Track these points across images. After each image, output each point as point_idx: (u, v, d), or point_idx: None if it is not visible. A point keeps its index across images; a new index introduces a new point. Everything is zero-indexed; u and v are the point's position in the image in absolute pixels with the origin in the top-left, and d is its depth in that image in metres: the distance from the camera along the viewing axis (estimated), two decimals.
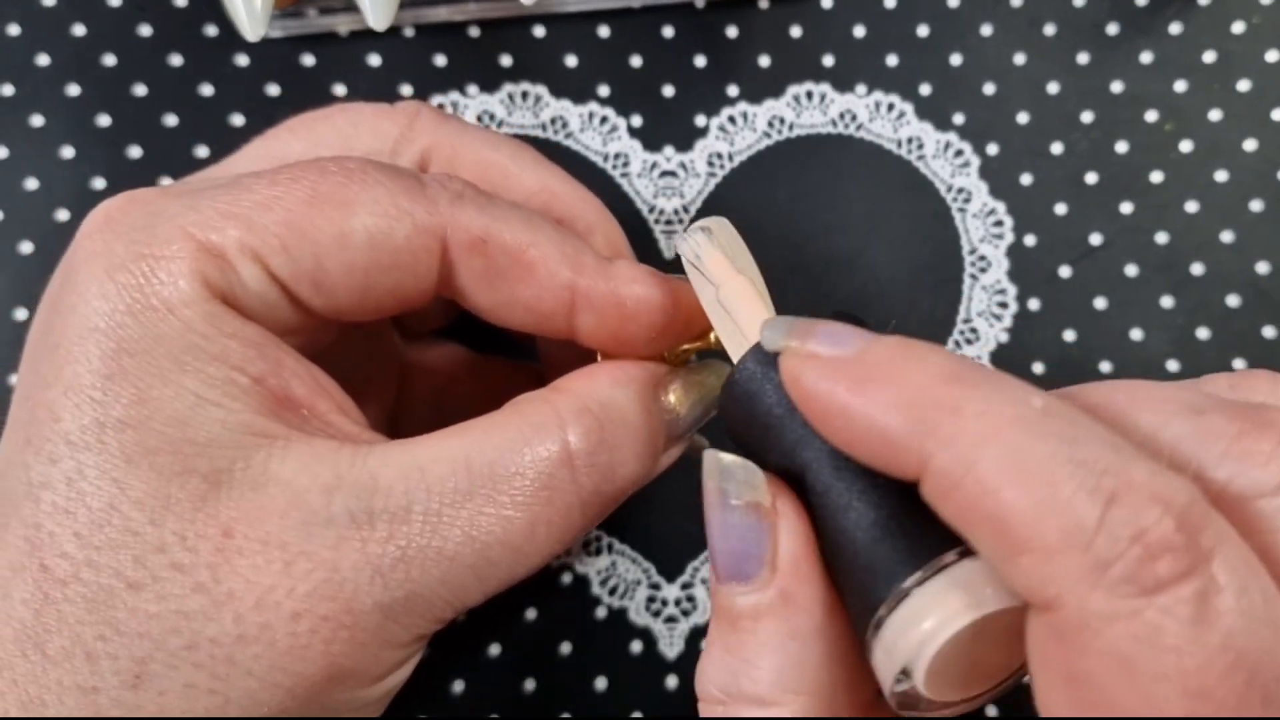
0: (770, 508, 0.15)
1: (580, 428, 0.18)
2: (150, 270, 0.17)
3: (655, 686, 0.25)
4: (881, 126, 0.28)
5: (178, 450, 0.16)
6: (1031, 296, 0.27)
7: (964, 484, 0.12)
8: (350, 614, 0.16)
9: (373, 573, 0.16)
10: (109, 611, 0.16)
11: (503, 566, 0.17)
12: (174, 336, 0.16)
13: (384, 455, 0.17)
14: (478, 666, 0.25)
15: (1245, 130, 0.28)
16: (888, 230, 0.28)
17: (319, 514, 0.16)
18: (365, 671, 0.17)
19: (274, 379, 0.17)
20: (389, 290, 0.18)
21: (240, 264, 0.17)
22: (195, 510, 0.16)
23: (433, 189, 0.18)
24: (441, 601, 0.17)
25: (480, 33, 0.28)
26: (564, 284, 0.18)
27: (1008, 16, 0.29)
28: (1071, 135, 0.28)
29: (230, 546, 0.16)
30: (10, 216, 0.27)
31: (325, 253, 0.17)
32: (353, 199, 0.17)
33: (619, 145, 0.28)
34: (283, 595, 0.16)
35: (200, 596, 0.16)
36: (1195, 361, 0.27)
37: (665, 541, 0.26)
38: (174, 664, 0.16)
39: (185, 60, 0.27)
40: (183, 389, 0.16)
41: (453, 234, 0.18)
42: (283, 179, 0.18)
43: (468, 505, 0.17)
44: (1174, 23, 0.29)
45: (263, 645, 0.16)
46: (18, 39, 0.27)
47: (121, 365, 0.16)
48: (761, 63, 0.28)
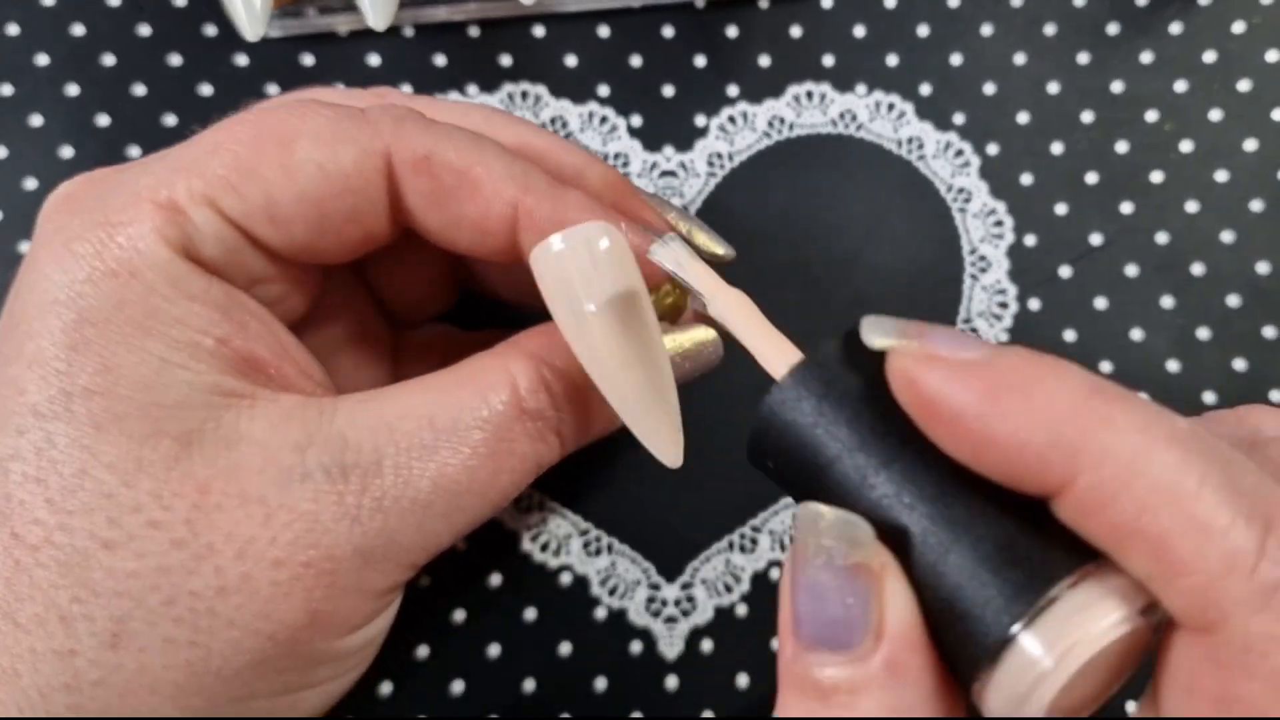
0: (879, 568, 0.14)
1: (528, 382, 0.18)
2: (108, 236, 0.17)
3: (655, 687, 0.25)
4: (882, 126, 0.28)
5: (146, 414, 0.16)
6: (1032, 297, 0.27)
7: (1118, 502, 0.12)
8: (331, 560, 0.17)
9: (351, 522, 0.17)
10: (84, 573, 0.16)
11: (470, 511, 0.18)
12: (135, 301, 0.17)
13: (350, 413, 0.18)
14: (478, 666, 0.25)
15: (1245, 130, 0.28)
16: (888, 230, 0.28)
17: (295, 470, 0.17)
18: (344, 619, 0.18)
19: (238, 340, 0.18)
20: (345, 218, 0.18)
21: (193, 211, 0.17)
22: (169, 470, 0.16)
23: (374, 114, 0.18)
24: (416, 547, 0.18)
25: (480, 32, 0.28)
26: (508, 200, 0.18)
27: (1008, 16, 0.29)
28: (1072, 135, 0.28)
29: (208, 503, 0.16)
30: (9, 216, 0.27)
31: (275, 187, 0.17)
32: (296, 132, 0.18)
33: (619, 145, 0.28)
34: (264, 545, 0.16)
35: (179, 551, 0.16)
36: (1195, 361, 0.27)
37: (665, 541, 0.26)
38: (153, 620, 0.16)
39: (184, 60, 0.27)
40: (147, 354, 0.17)
41: (397, 154, 0.18)
42: (227, 125, 0.18)
43: (434, 458, 0.18)
44: (1174, 23, 0.29)
45: (245, 595, 0.16)
46: (17, 38, 0.27)
47: (84, 335, 0.16)
48: (761, 63, 0.28)
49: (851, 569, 0.13)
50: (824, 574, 0.14)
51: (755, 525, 0.26)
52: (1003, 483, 0.13)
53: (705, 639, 0.25)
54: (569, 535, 0.26)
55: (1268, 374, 0.27)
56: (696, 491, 0.26)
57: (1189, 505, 0.12)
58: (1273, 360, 0.27)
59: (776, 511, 0.26)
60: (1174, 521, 0.12)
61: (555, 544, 0.26)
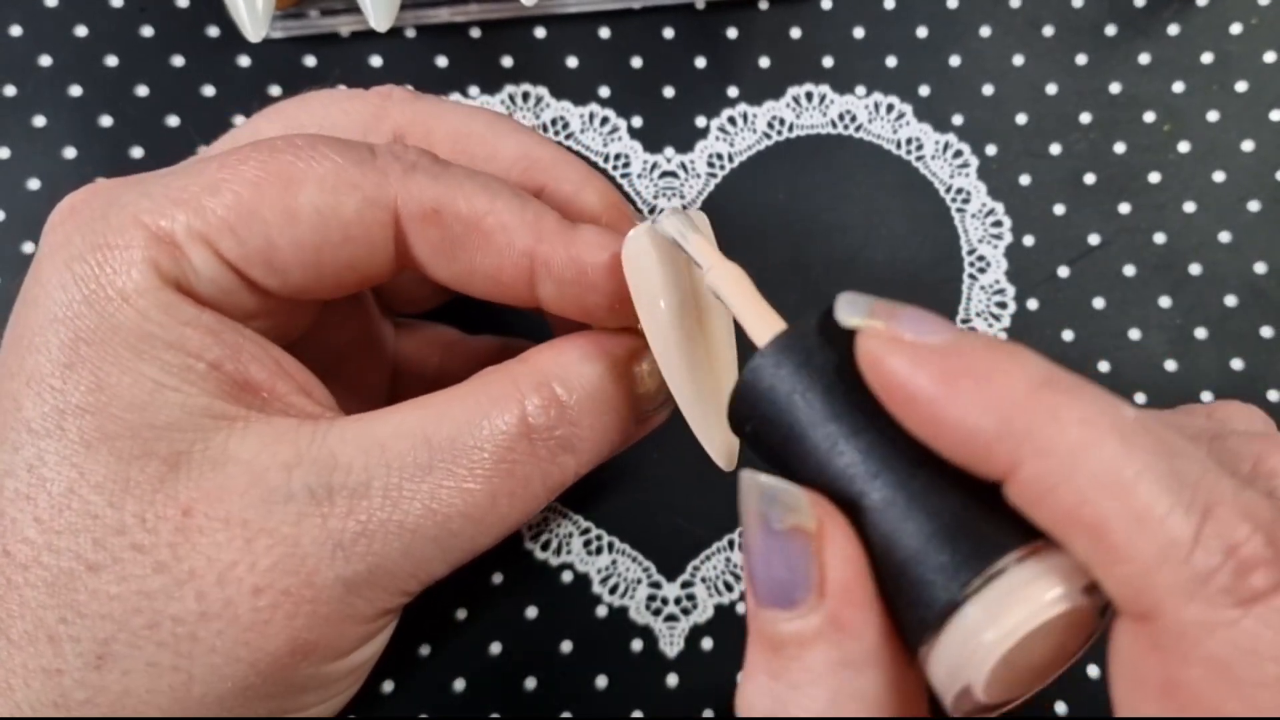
0: (816, 530, 0.14)
1: (538, 400, 0.18)
2: (104, 260, 0.17)
3: (656, 685, 0.25)
4: (881, 127, 0.28)
5: (136, 434, 0.16)
6: (1030, 297, 0.28)
7: (1060, 491, 0.12)
8: (311, 588, 0.17)
9: (334, 547, 0.17)
10: (70, 594, 0.16)
11: (464, 537, 0.18)
12: (130, 326, 0.17)
13: (343, 432, 0.17)
14: (478, 665, 0.25)
15: (1243, 131, 0.28)
16: (887, 230, 0.28)
17: (279, 491, 0.17)
18: (329, 646, 0.17)
19: (231, 364, 0.17)
20: (345, 265, 0.18)
21: (191, 250, 0.17)
22: (154, 492, 0.16)
23: (384, 160, 0.18)
24: (404, 574, 0.17)
25: (481, 34, 0.28)
26: (523, 251, 0.18)
27: (1007, 18, 0.29)
28: (1070, 136, 0.28)
29: (190, 526, 0.16)
30: (12, 217, 0.27)
31: (274, 231, 0.17)
32: (300, 176, 0.17)
33: (619, 146, 0.28)
34: (244, 571, 0.16)
35: (161, 576, 0.16)
36: (1193, 361, 0.27)
37: (665, 540, 0.26)
38: (136, 643, 0.16)
39: (187, 61, 0.28)
40: (140, 375, 0.16)
41: (404, 205, 0.18)
42: (231, 161, 0.18)
43: (428, 479, 0.17)
44: (1172, 24, 0.29)
45: (225, 621, 0.16)
46: (20, 39, 0.27)
47: (80, 354, 0.16)
48: (761, 64, 0.29)
49: (789, 532, 0.14)
50: (764, 537, 0.14)
51: None
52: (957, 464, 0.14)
53: (706, 637, 0.25)
54: (570, 534, 0.26)
55: (1265, 373, 0.27)
56: (697, 490, 0.26)
57: (1127, 495, 0.12)
58: (1270, 360, 0.27)
59: None
60: (1112, 510, 0.12)
61: (556, 542, 0.26)
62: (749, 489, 0.15)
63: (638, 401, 0.19)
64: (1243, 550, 0.12)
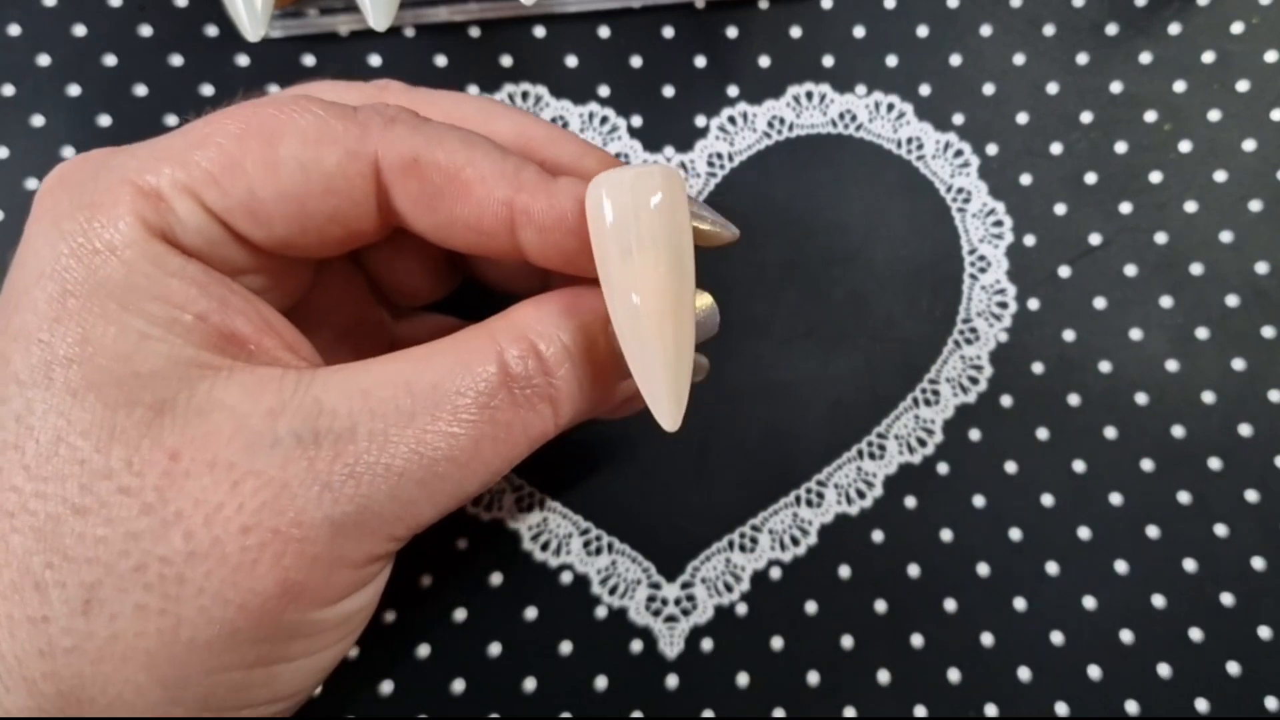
0: None
1: (516, 351, 0.18)
2: (92, 216, 0.17)
3: (655, 686, 0.25)
4: (881, 127, 0.28)
5: (122, 383, 0.17)
6: (1031, 296, 0.27)
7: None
8: (300, 527, 0.17)
9: (321, 488, 0.17)
10: (56, 539, 0.16)
11: (451, 481, 0.18)
12: (116, 278, 0.17)
13: (327, 381, 0.17)
14: (478, 665, 0.25)
15: (1244, 130, 0.28)
16: (887, 230, 0.28)
17: (264, 436, 0.17)
18: (318, 589, 0.17)
19: (217, 316, 0.18)
20: (328, 218, 0.18)
21: (176, 201, 0.17)
22: (141, 437, 0.16)
23: (364, 115, 0.18)
24: (392, 517, 0.18)
25: (481, 33, 0.28)
26: (502, 200, 0.18)
27: (1007, 17, 0.29)
28: (1071, 135, 0.28)
29: (177, 470, 0.16)
30: (10, 216, 0.27)
31: (256, 182, 0.17)
32: (281, 129, 0.18)
33: (619, 145, 0.28)
34: (232, 511, 0.16)
35: (148, 517, 0.16)
36: (1194, 361, 0.27)
37: (665, 541, 0.26)
38: (123, 586, 0.16)
39: (186, 60, 0.27)
40: (126, 327, 0.17)
41: (384, 157, 0.18)
42: (216, 118, 0.18)
43: (412, 425, 0.17)
44: (1173, 23, 0.29)
45: (213, 561, 0.16)
46: (18, 39, 0.27)
47: (66, 307, 0.17)
48: (761, 63, 0.29)
49: None
50: None
51: (755, 525, 0.26)
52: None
53: (705, 638, 0.25)
54: (569, 534, 0.26)
55: (1266, 373, 0.27)
56: (696, 491, 0.26)
57: None
58: (1271, 360, 0.27)
59: (776, 511, 0.26)
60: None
61: (556, 543, 0.26)
62: None
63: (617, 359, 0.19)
64: None
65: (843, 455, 0.27)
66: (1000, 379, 0.27)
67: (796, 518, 0.26)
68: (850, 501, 0.26)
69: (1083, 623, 0.25)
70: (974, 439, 0.27)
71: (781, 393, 0.27)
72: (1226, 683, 0.25)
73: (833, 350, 0.27)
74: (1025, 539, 0.26)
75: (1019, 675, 0.25)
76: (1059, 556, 0.26)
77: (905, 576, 0.26)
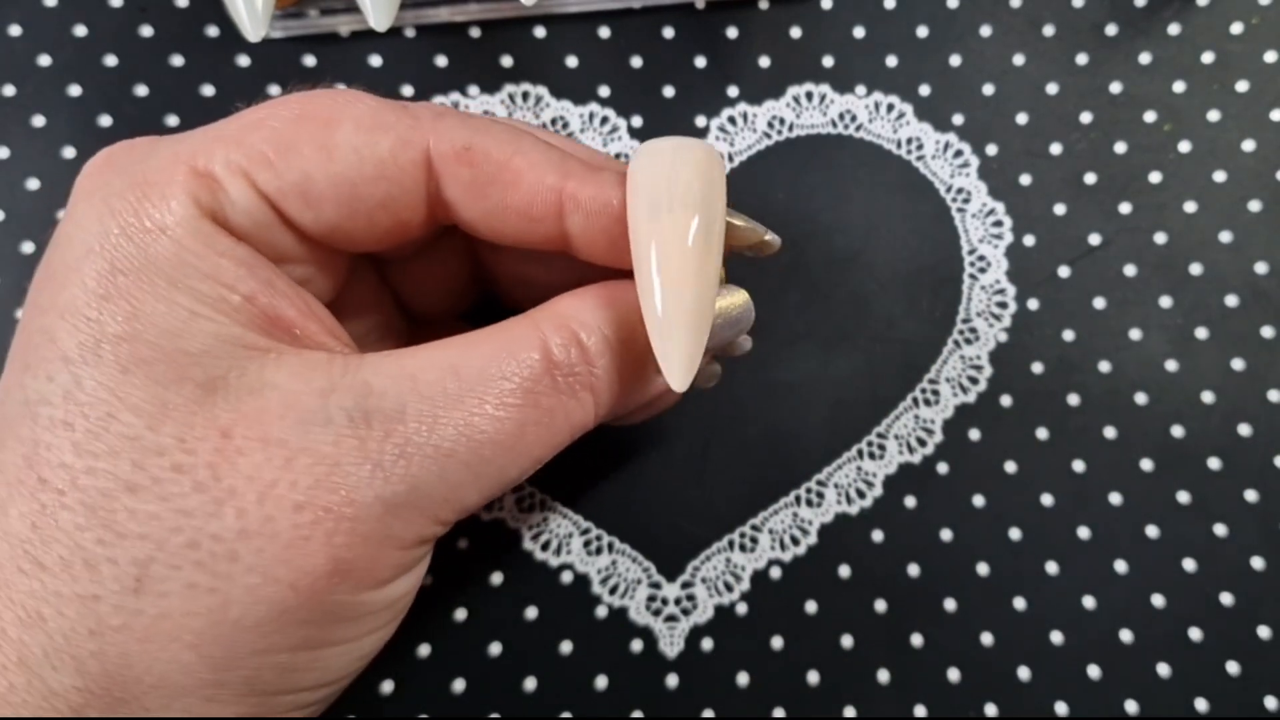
0: None
1: (559, 339, 0.18)
2: (143, 195, 0.17)
3: (655, 686, 0.25)
4: (881, 127, 0.28)
5: (172, 360, 0.17)
6: (1031, 296, 0.28)
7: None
8: (352, 505, 0.17)
9: (373, 467, 0.17)
10: (108, 515, 0.16)
11: (495, 465, 0.18)
12: (166, 256, 0.17)
13: (375, 365, 0.18)
14: (479, 665, 0.25)
15: (1244, 131, 0.28)
16: (887, 230, 0.28)
17: (317, 415, 0.17)
18: (367, 570, 0.17)
19: (264, 298, 0.18)
20: (377, 204, 0.19)
21: (228, 182, 0.17)
22: (192, 415, 0.16)
23: (415, 107, 0.19)
24: (440, 499, 0.18)
25: (481, 33, 0.28)
26: (552, 186, 0.19)
27: (1007, 17, 0.29)
28: (1070, 136, 0.28)
29: (229, 447, 0.16)
30: (11, 217, 0.27)
31: (311, 166, 0.18)
32: (337, 115, 0.18)
33: (619, 146, 0.28)
34: (285, 489, 0.16)
35: (201, 495, 0.16)
36: (1194, 361, 0.27)
37: (665, 540, 0.26)
38: (176, 564, 0.16)
39: (186, 61, 0.28)
40: (175, 304, 0.17)
41: (436, 145, 0.19)
42: (270, 104, 0.18)
43: (459, 407, 0.17)
44: (1173, 23, 0.29)
45: (265, 538, 0.16)
46: (19, 39, 0.27)
47: (116, 284, 0.17)
48: (761, 63, 0.29)
49: None
50: None
51: (755, 524, 0.26)
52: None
53: (705, 638, 0.25)
54: (570, 534, 0.26)
55: (1266, 374, 0.27)
56: (697, 490, 0.26)
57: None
58: (1271, 360, 0.27)
59: (776, 511, 0.26)
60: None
61: (556, 543, 0.26)
62: None
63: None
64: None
65: (843, 455, 0.27)
66: (1000, 379, 0.27)
67: (796, 517, 0.26)
68: (850, 501, 0.26)
69: (1082, 622, 0.25)
70: (974, 439, 0.27)
71: (782, 393, 0.27)
72: (1226, 682, 0.25)
73: (833, 350, 0.27)
74: (1025, 539, 0.26)
75: (1019, 675, 0.25)
76: (1059, 556, 0.26)
77: (905, 576, 0.26)
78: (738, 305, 0.21)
